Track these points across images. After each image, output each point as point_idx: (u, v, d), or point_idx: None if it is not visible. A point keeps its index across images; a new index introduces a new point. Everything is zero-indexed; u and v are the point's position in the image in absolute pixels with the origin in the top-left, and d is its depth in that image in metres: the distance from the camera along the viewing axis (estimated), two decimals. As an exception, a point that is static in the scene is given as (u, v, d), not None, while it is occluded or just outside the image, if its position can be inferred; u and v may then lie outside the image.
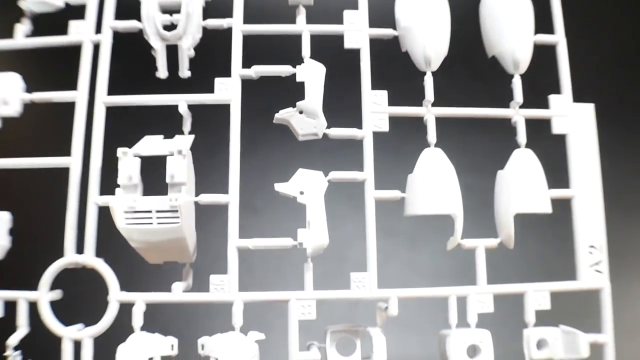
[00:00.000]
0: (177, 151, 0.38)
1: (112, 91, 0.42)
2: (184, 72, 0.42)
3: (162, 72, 0.42)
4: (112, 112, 0.42)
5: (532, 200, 0.41)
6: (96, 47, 0.42)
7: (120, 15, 0.43)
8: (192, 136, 0.41)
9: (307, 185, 0.40)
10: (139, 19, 0.42)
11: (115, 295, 0.39)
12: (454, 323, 0.40)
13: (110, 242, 0.39)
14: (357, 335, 0.41)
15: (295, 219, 0.40)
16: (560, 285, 0.43)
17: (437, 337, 0.41)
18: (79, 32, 0.42)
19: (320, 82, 0.41)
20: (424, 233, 0.40)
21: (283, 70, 0.41)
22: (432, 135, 0.42)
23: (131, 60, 0.47)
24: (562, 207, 0.43)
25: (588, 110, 0.44)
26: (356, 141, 0.42)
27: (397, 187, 0.41)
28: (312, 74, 0.41)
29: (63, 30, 0.43)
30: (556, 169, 0.44)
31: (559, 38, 0.45)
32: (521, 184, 0.41)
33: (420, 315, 0.55)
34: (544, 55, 0.45)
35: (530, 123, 0.44)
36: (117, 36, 0.43)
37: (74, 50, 0.43)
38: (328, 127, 0.41)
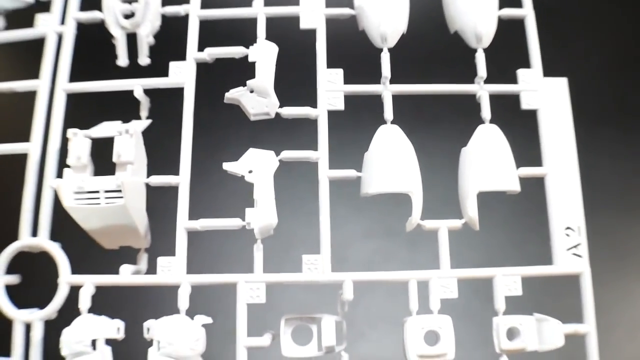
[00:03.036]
0: (125, 130, 0.38)
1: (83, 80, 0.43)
2: (143, 59, 0.43)
3: (123, 60, 0.43)
4: (83, 102, 0.43)
5: (496, 178, 0.39)
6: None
7: (88, 7, 0.45)
8: (149, 121, 0.41)
9: (256, 165, 0.39)
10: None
11: (66, 278, 0.39)
12: (415, 309, 0.38)
13: (76, 228, 0.39)
14: (313, 323, 0.39)
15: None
16: (533, 270, 0.40)
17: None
18: (44, 24, 0.44)
19: (272, 61, 0.40)
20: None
21: (236, 51, 0.41)
22: (388, 112, 0.40)
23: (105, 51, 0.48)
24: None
25: (561, 84, 0.42)
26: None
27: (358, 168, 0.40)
28: (263, 54, 0.40)
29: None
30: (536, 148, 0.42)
31: (527, 12, 0.43)
32: (485, 161, 0.39)
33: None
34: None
35: (511, 102, 0.42)
36: (90, 28, 0.45)
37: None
38: (284, 106, 0.40)
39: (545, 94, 0.42)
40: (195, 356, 0.36)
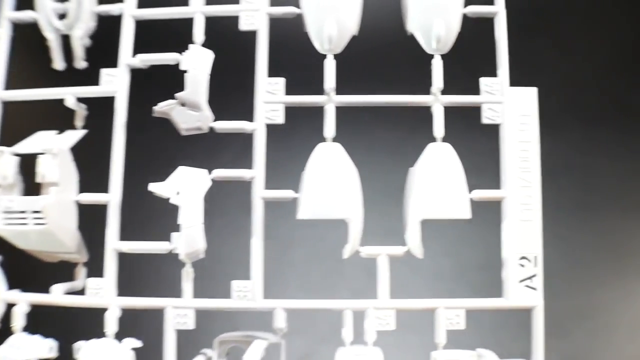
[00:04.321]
0: (48, 150, 0.36)
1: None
2: (79, 63, 0.41)
3: (58, 64, 0.41)
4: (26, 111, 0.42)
5: (443, 204, 0.36)
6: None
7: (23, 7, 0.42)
8: (83, 131, 0.39)
9: (185, 185, 0.37)
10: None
11: (2, 295, 0.38)
12: (349, 340, 0.36)
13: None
14: (249, 346, 0.38)
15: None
16: (480, 303, 0.37)
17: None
18: (-21, 25, 0.42)
19: (205, 70, 0.37)
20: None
21: (168, 58, 0.38)
22: (329, 128, 0.37)
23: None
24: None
25: (529, 95, 0.37)
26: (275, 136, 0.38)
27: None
28: (195, 62, 0.37)
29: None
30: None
31: (498, 9, 0.38)
32: (432, 185, 0.36)
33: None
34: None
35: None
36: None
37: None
38: (220, 119, 0.38)
39: (510, 107, 0.37)
40: (122, 380, 0.36)
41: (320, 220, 0.36)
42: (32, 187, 0.38)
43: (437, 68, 0.37)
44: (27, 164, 0.38)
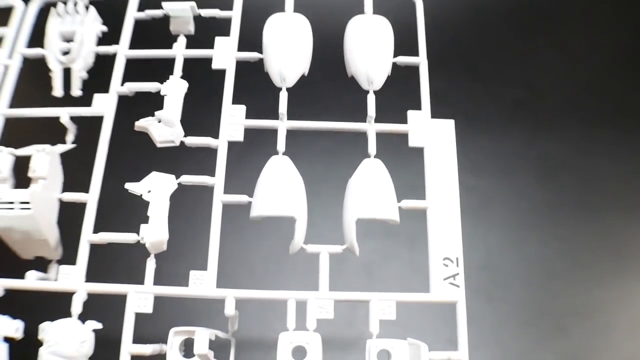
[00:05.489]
0: (42, 149, 0.43)
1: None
2: (75, 92, 0.48)
3: (58, 91, 0.48)
4: (28, 128, 0.48)
5: (376, 207, 0.42)
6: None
7: (34, 44, 0.50)
8: (72, 145, 0.46)
9: (155, 186, 0.43)
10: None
11: (-21, 281, 0.43)
12: (292, 326, 0.40)
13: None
14: (201, 336, 0.42)
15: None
16: (409, 297, 0.42)
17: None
18: (-6, 57, 0.50)
19: (180, 96, 0.45)
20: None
21: (151, 87, 0.46)
22: (281, 144, 0.44)
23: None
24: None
25: (448, 125, 0.45)
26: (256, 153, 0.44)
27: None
28: (173, 89, 0.45)
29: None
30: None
31: (420, 59, 0.47)
32: (366, 191, 0.42)
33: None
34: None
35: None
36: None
37: None
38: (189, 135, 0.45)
39: (432, 134, 0.45)
40: (81, 357, 0.39)
41: (269, 219, 0.42)
42: (21, 186, 0.44)
43: (371, 101, 0.45)
44: (20, 166, 0.44)
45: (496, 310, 0.38)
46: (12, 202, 0.42)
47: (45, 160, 0.42)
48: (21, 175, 0.44)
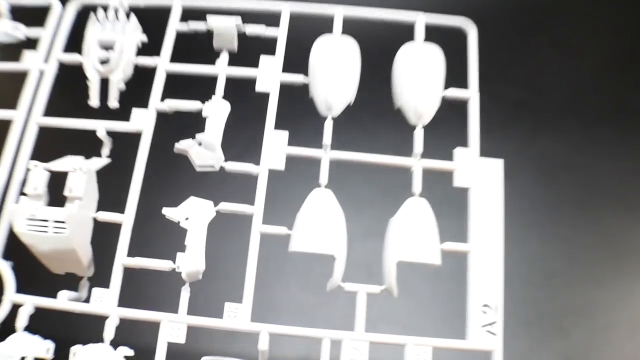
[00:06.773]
0: (79, 168, 0.42)
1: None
2: (112, 103, 0.47)
3: (94, 101, 0.47)
4: (59, 136, 0.47)
5: (417, 250, 0.41)
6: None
7: (71, 49, 0.49)
8: (107, 160, 0.45)
9: (193, 212, 0.42)
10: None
11: (9, 296, 0.42)
12: (326, 365, 0.40)
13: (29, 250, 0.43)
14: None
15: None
16: (446, 342, 0.41)
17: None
18: (30, 61, 0.48)
19: (222, 118, 0.44)
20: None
21: (192, 106, 0.45)
22: (323, 176, 0.43)
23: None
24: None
25: (496, 165, 0.44)
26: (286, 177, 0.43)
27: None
28: (216, 111, 0.44)
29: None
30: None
31: (471, 93, 0.45)
32: (408, 232, 0.41)
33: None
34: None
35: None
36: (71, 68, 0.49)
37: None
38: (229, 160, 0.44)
39: (479, 174, 0.44)
40: (112, 385, 0.39)
41: (309, 255, 0.41)
42: (54, 204, 0.43)
43: (418, 137, 0.44)
44: (55, 181, 0.43)
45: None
46: (46, 220, 0.41)
47: (82, 179, 0.41)
48: (54, 188, 0.43)
